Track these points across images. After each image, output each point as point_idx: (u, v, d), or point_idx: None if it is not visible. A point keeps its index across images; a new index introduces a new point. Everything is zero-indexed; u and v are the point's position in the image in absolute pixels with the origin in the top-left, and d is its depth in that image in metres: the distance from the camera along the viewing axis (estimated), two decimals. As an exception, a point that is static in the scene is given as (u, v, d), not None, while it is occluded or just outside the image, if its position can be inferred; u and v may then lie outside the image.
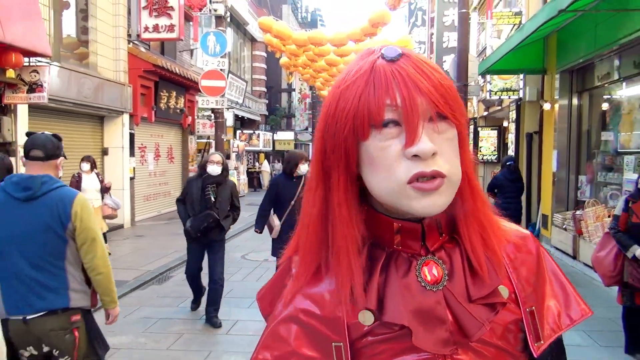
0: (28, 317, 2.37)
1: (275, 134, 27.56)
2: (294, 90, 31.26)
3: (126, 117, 11.31)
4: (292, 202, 5.17)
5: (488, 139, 13.29)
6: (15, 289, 2.39)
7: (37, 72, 7.41)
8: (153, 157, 13.35)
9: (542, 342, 0.78)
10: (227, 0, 11.15)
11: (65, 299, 2.42)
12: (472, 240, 0.76)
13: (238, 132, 22.26)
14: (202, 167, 5.09)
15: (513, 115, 10.66)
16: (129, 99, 11.24)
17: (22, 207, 2.38)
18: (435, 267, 0.76)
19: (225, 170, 5.06)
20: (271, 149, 26.34)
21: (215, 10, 10.71)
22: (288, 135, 28.84)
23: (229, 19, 12.04)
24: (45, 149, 2.46)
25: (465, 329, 0.73)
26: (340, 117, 0.73)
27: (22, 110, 7.97)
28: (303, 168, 5.19)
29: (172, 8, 11.24)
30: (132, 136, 11.62)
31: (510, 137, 11.07)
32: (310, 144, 36.21)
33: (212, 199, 4.97)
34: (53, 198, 2.41)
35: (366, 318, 0.75)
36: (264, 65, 27.04)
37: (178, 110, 13.66)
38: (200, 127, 15.07)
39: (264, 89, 27.19)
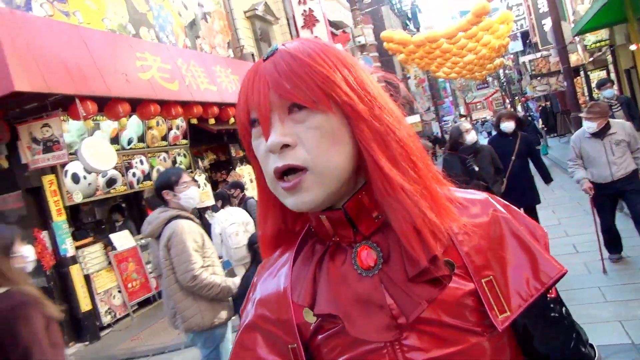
0: None
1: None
2: (409, 78, 34.53)
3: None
4: (513, 158, 5.42)
5: (599, 79, 15.49)
6: None
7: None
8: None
9: (508, 313, 0.70)
10: (365, 33, 14.99)
11: None
12: (397, 218, 0.69)
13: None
14: (454, 143, 5.13)
15: (610, 58, 13.10)
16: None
17: None
18: (370, 252, 0.73)
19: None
20: (405, 133, 29.90)
21: (359, 42, 14.61)
22: (414, 118, 32.14)
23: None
24: None
25: (403, 310, 0.69)
26: (237, 121, 0.75)
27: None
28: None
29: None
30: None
31: (612, 76, 13.49)
32: (433, 122, 39.08)
33: (475, 169, 4.89)
34: None
35: (309, 315, 0.73)
36: (378, 64, 30.77)
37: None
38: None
39: (384, 84, 30.84)
